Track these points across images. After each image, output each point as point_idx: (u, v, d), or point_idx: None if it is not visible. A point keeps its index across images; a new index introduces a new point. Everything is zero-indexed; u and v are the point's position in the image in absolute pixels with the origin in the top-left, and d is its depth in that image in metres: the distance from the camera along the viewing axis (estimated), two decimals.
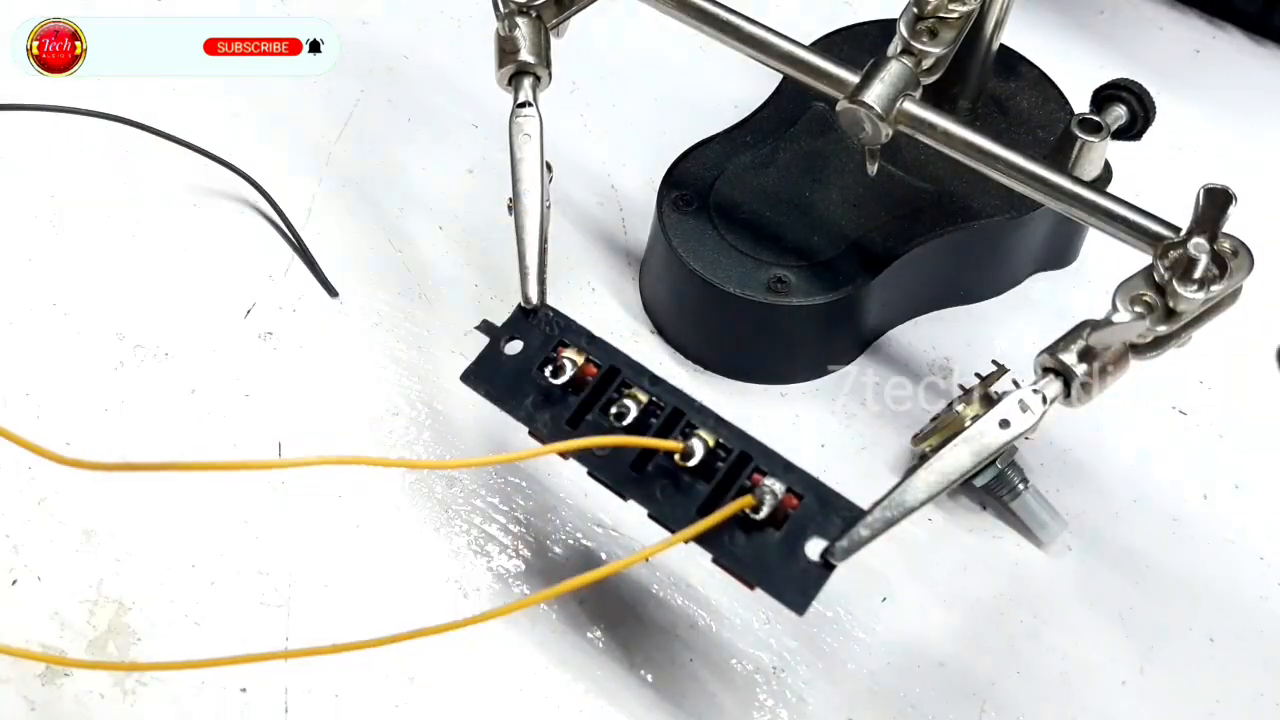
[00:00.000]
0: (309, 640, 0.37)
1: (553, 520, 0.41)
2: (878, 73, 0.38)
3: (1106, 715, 0.38)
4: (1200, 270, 0.34)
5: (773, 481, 0.33)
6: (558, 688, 0.37)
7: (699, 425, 0.34)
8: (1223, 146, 0.52)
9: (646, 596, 0.39)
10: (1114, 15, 0.58)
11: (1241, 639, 0.40)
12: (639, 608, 0.39)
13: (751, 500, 0.32)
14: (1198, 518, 0.42)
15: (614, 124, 0.52)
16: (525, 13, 0.41)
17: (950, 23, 0.39)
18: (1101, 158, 0.42)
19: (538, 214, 0.39)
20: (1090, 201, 0.37)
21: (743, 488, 0.33)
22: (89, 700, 0.36)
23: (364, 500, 0.41)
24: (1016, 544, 0.41)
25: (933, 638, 0.39)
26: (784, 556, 0.32)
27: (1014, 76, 0.48)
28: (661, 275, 0.45)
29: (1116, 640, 0.40)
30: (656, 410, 0.34)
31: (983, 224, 0.44)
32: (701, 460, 0.33)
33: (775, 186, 0.45)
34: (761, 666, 0.38)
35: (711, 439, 0.33)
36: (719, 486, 0.33)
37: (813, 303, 0.42)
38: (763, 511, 0.32)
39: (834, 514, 0.32)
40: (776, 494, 0.32)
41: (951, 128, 0.38)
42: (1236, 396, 0.45)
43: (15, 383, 0.43)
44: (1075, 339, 0.34)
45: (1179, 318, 0.34)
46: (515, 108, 0.40)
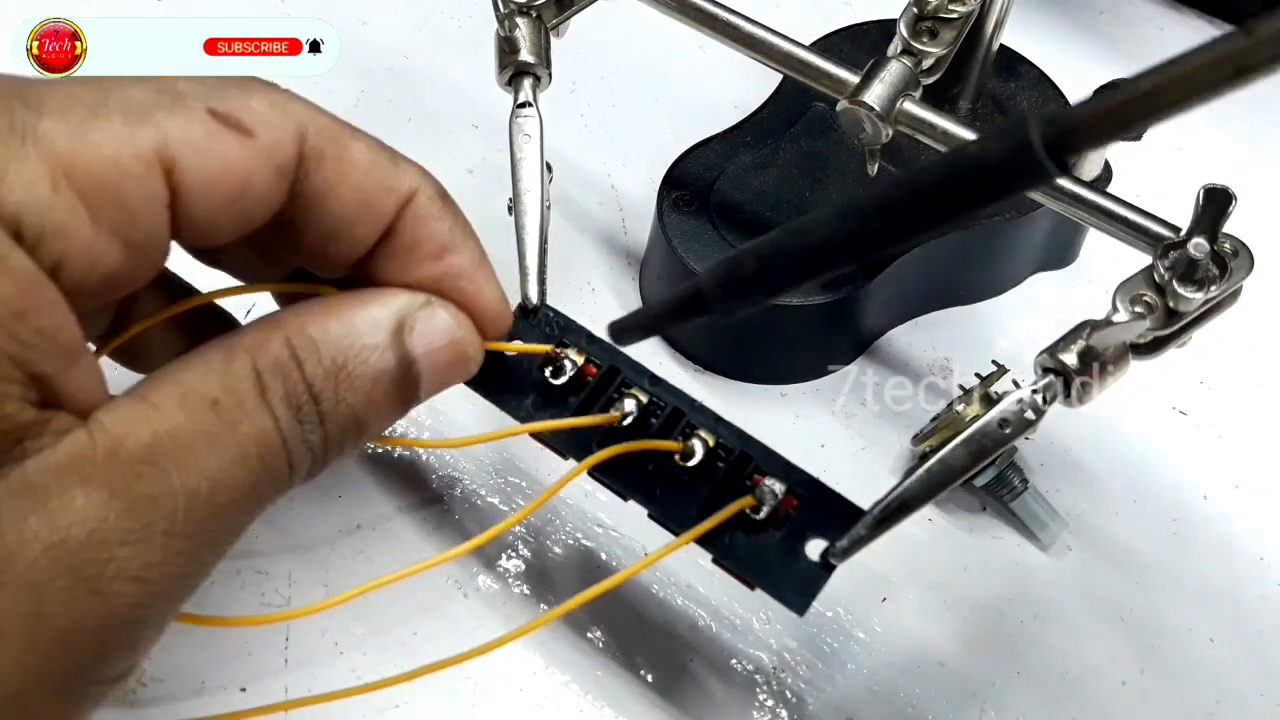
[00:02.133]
0: (309, 640, 0.37)
1: (553, 520, 0.41)
2: (878, 73, 0.38)
3: (1106, 715, 0.38)
4: (1200, 270, 0.34)
5: (773, 482, 0.33)
6: (558, 688, 0.37)
7: (699, 425, 0.34)
8: (1222, 147, 0.52)
9: (646, 597, 0.39)
10: (1114, 15, 0.58)
11: (1241, 639, 0.40)
12: (639, 608, 0.39)
13: (752, 500, 0.32)
14: (1198, 518, 0.42)
15: (614, 124, 0.52)
16: (525, 13, 0.41)
17: (950, 23, 0.39)
18: (1101, 158, 0.42)
19: (538, 214, 0.39)
20: (1091, 202, 0.37)
21: (743, 488, 0.33)
22: None
23: (364, 500, 0.41)
24: (1016, 544, 0.41)
25: (933, 638, 0.39)
26: (784, 557, 0.32)
27: (1014, 77, 0.48)
28: (662, 275, 0.45)
29: (1116, 640, 0.40)
30: (657, 410, 0.34)
31: (982, 224, 0.44)
32: (701, 461, 0.33)
33: (775, 187, 0.45)
34: (761, 666, 0.38)
35: (711, 439, 0.33)
36: (719, 487, 0.33)
37: (813, 303, 0.42)
38: (763, 512, 0.32)
39: (834, 515, 0.32)
40: (777, 494, 0.32)
41: (952, 128, 0.38)
42: (1236, 396, 0.45)
43: None
44: (1075, 339, 0.34)
45: (1179, 318, 0.34)
46: (515, 108, 0.40)
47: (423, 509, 0.41)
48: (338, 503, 0.41)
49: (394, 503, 0.41)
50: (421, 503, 0.41)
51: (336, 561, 0.39)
